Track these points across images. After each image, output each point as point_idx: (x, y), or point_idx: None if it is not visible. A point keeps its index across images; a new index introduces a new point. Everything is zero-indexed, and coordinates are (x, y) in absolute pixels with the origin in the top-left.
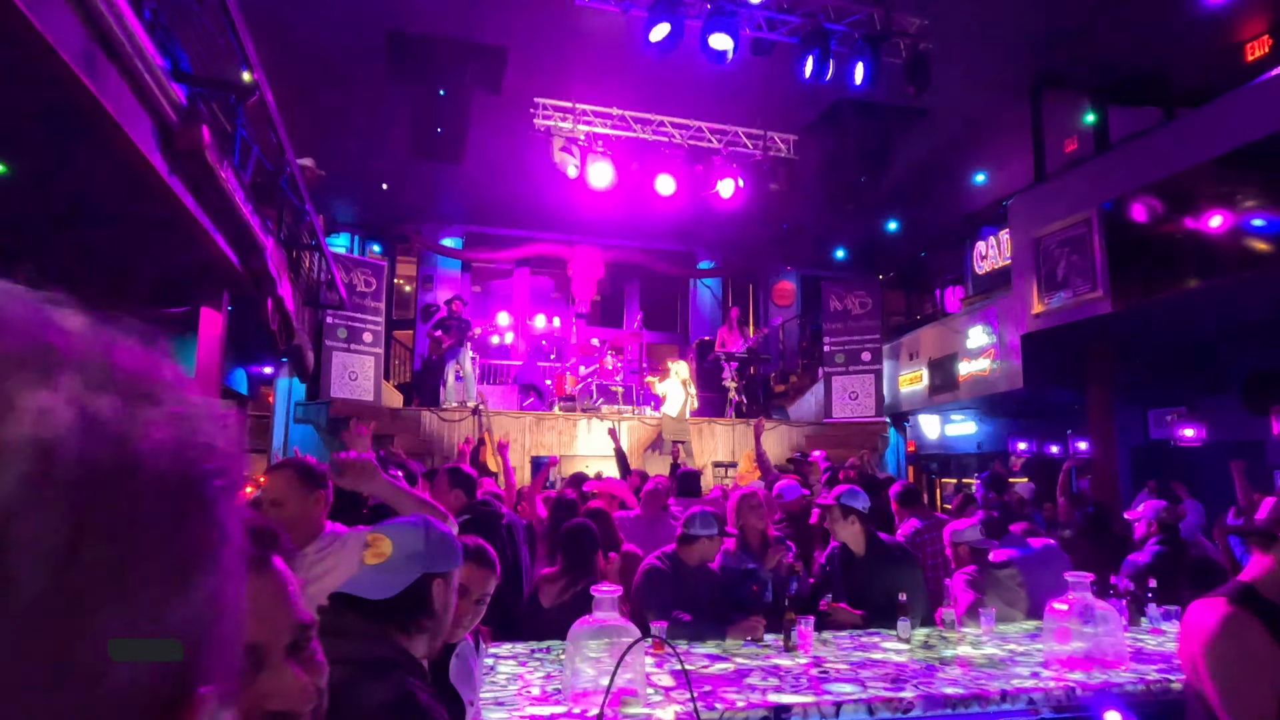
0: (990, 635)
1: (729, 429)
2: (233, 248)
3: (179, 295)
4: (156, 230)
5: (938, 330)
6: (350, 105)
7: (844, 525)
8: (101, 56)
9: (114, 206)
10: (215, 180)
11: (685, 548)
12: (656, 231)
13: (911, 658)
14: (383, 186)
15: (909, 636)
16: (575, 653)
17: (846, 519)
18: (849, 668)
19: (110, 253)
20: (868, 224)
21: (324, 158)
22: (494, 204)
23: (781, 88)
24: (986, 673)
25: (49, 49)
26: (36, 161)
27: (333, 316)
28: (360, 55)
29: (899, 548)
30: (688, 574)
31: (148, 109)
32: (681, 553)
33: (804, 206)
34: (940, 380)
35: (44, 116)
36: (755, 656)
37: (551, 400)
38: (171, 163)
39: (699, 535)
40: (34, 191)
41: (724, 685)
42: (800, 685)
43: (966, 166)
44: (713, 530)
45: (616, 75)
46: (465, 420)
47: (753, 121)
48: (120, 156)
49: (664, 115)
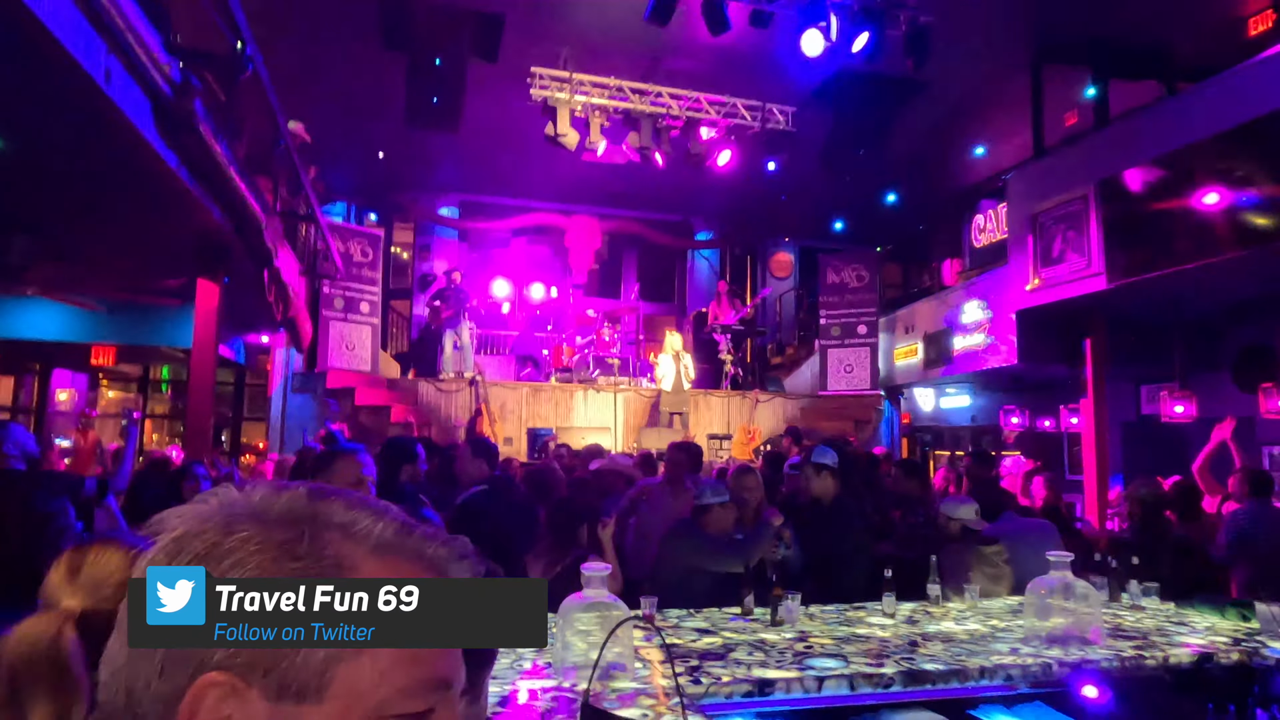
0: (974, 612)
1: (724, 401)
2: (228, 220)
3: (176, 268)
4: (152, 204)
5: (933, 304)
6: (345, 73)
7: (818, 480)
8: (94, 33)
9: (109, 181)
10: (210, 154)
11: (702, 517)
12: (654, 201)
13: (896, 633)
14: (379, 155)
15: (894, 611)
16: (565, 627)
17: (819, 475)
18: (834, 643)
19: (107, 226)
20: (866, 196)
21: (319, 126)
22: (491, 173)
23: (780, 60)
24: (967, 648)
25: (40, 26)
26: (31, 137)
27: (329, 286)
28: (355, 22)
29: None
30: (710, 542)
31: (141, 84)
32: (699, 522)
33: (802, 178)
34: (935, 354)
35: (37, 92)
36: (743, 631)
37: (548, 371)
38: (166, 138)
39: (712, 503)
40: (30, 166)
41: (710, 660)
42: (785, 660)
43: (966, 139)
44: (724, 497)
45: (614, 45)
46: (463, 391)
47: (751, 93)
48: (114, 132)
49: (662, 86)
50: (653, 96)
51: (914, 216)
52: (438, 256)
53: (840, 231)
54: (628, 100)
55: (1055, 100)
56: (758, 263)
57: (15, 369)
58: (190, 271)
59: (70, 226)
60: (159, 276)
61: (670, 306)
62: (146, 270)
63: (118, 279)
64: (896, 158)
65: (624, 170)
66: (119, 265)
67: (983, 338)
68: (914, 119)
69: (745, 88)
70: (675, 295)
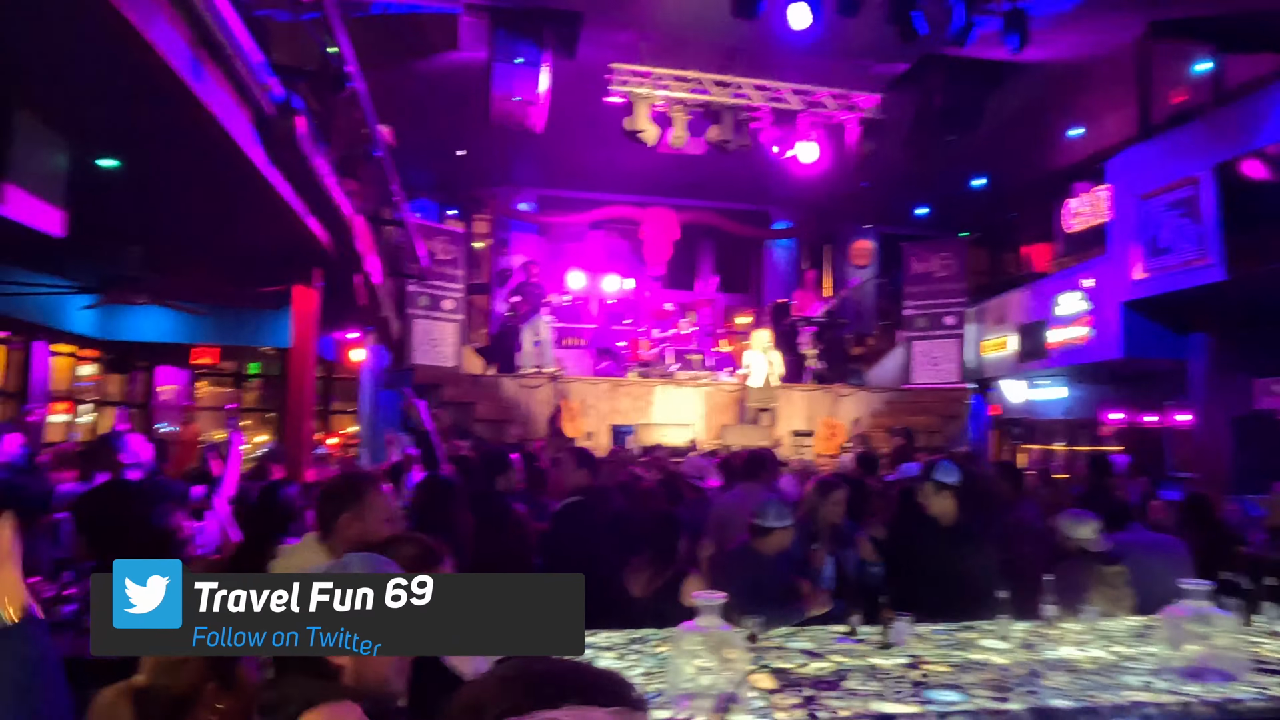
0: (1094, 636)
1: (806, 395)
2: (324, 228)
3: (275, 274)
4: (254, 215)
5: (1026, 294)
6: (428, 74)
7: (937, 500)
8: (205, 58)
9: (215, 195)
10: (308, 167)
11: (761, 539)
12: (731, 192)
13: (1014, 660)
14: (459, 153)
15: (1008, 634)
16: (678, 657)
17: (940, 494)
18: (950, 670)
19: (212, 236)
20: (952, 181)
21: (402, 126)
22: (567, 167)
23: (867, 46)
24: (1095, 680)
25: (156, 56)
26: (144, 156)
27: (414, 284)
28: (438, 24)
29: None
30: (764, 564)
31: (246, 104)
32: (756, 544)
33: (885, 164)
34: (1029, 347)
35: (151, 115)
36: (852, 654)
37: (626, 365)
38: (268, 153)
39: (774, 528)
40: (142, 183)
41: (825, 690)
42: (902, 692)
43: (1061, 119)
44: (787, 522)
45: (694, 37)
46: (544, 387)
47: (835, 81)
48: (221, 150)
49: (743, 78)
50: (733, 88)
51: (1002, 200)
52: (515, 251)
53: (923, 217)
54: (708, 93)
55: (1162, 76)
56: (837, 251)
57: (125, 367)
58: (288, 277)
59: (178, 238)
60: (258, 282)
61: (747, 297)
62: (246, 277)
63: (220, 285)
64: (985, 141)
65: (700, 161)
66: (221, 273)
67: (1082, 330)
68: (1005, 100)
69: (829, 76)
70: (752, 286)
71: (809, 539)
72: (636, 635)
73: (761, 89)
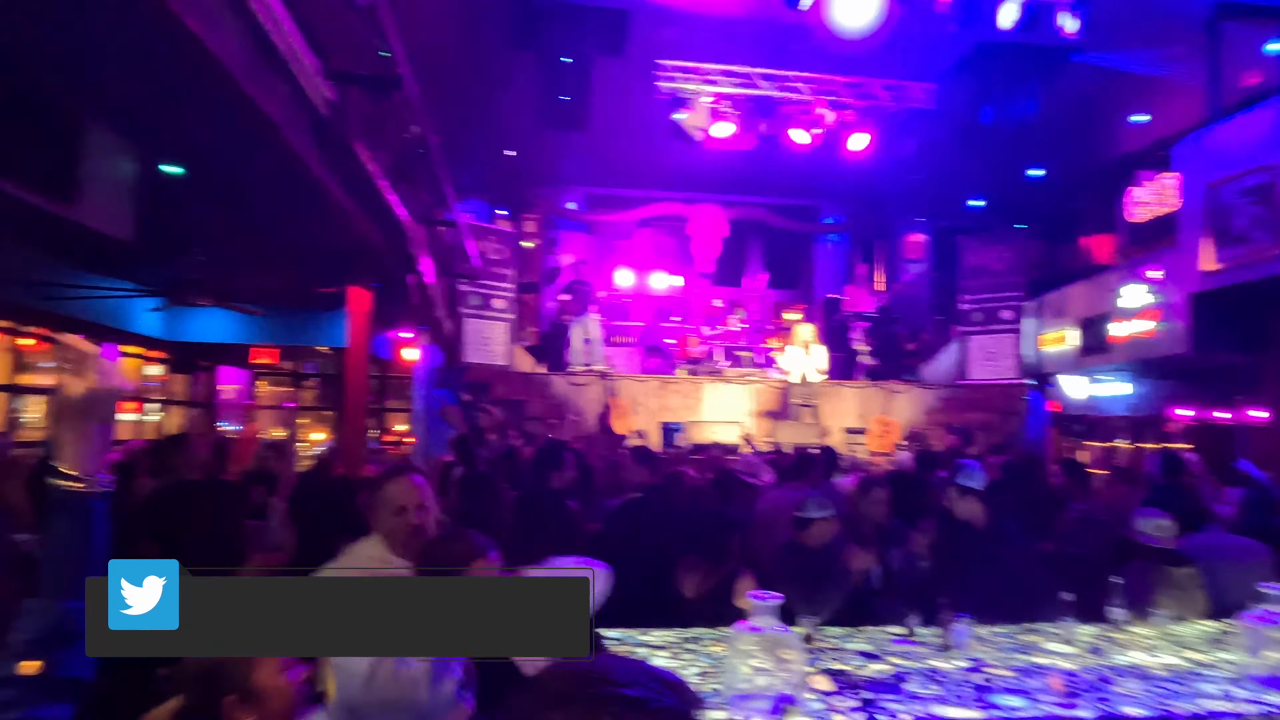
0: (1164, 641)
1: (858, 392)
2: (378, 230)
3: (331, 275)
4: (311, 219)
5: (1088, 287)
6: (476, 75)
7: (962, 504)
8: (263, 65)
9: (274, 199)
10: (363, 169)
11: (803, 531)
12: (780, 187)
13: (1081, 665)
14: (508, 153)
15: (1073, 637)
16: (733, 657)
17: (964, 499)
18: (1013, 675)
19: (270, 240)
20: (1008, 171)
21: (451, 127)
22: (616, 165)
23: (919, 35)
24: (1169, 688)
25: (221, 66)
26: (207, 162)
27: (466, 284)
28: (486, 25)
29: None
30: (810, 557)
31: (303, 108)
32: (800, 537)
33: (939, 156)
34: (1091, 341)
35: (214, 123)
36: (911, 657)
37: (675, 362)
38: (324, 156)
39: (814, 518)
40: (204, 190)
41: (884, 693)
42: (965, 696)
43: (1123, 105)
44: (829, 510)
45: (742, 31)
46: (593, 384)
47: (887, 72)
48: (279, 154)
49: (792, 71)
50: (782, 82)
51: (1061, 190)
52: (564, 250)
53: (978, 210)
54: (757, 87)
55: (1232, 57)
56: (889, 245)
57: (189, 367)
58: (344, 279)
59: (238, 242)
60: (315, 284)
61: (797, 293)
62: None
63: (278, 287)
64: (1043, 129)
65: (748, 156)
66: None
67: (1148, 323)
68: (1065, 87)
69: (881, 67)
70: (802, 282)
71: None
72: (690, 634)
73: (810, 81)
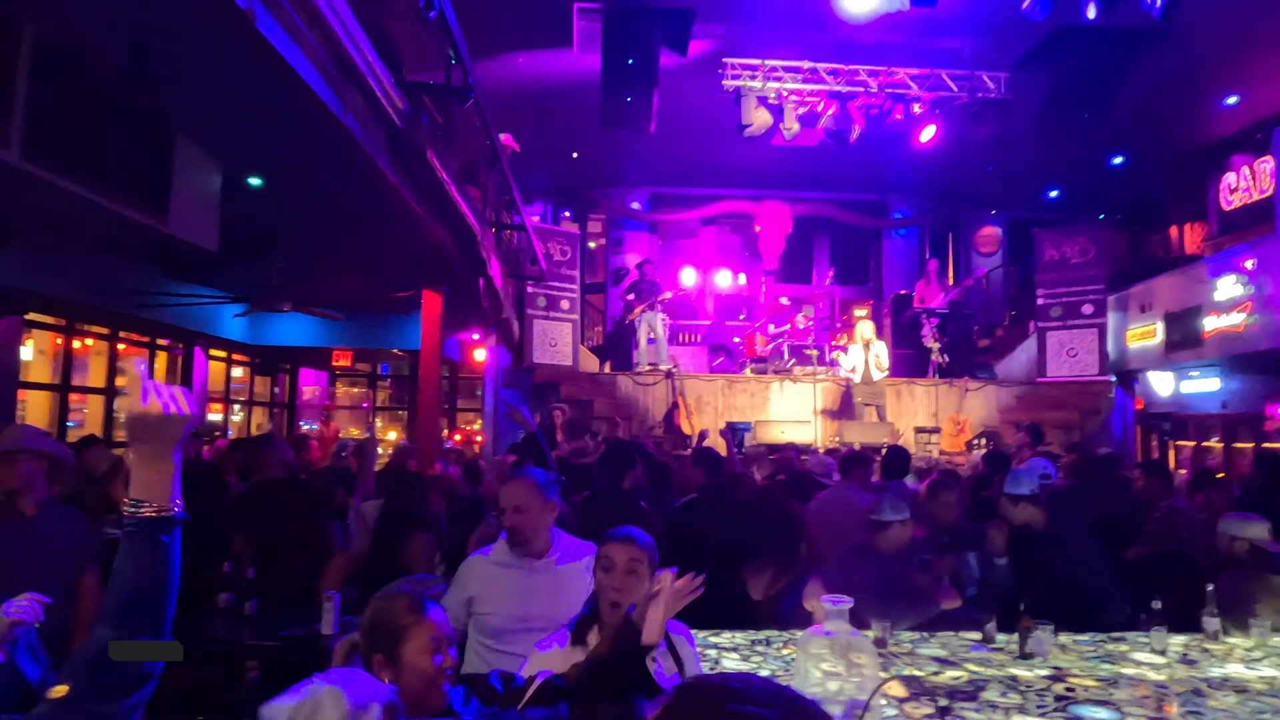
0: (1264, 652)
1: (930, 390)
2: (450, 236)
3: (405, 280)
4: (386, 226)
5: (1176, 279)
6: (540, 79)
7: (1016, 511)
8: (340, 79)
9: (350, 208)
10: (434, 177)
11: (878, 533)
12: (847, 181)
13: (1171, 676)
14: (573, 155)
15: (1164, 647)
16: (804, 661)
17: (1017, 507)
18: (1098, 685)
19: (347, 247)
20: (1087, 160)
21: (516, 131)
22: (680, 164)
23: (991, 22)
24: (1269, 703)
25: (300, 81)
26: (285, 174)
27: (533, 285)
28: (549, 30)
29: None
30: (884, 562)
31: (377, 119)
32: (875, 540)
33: (1013, 146)
34: (1179, 336)
35: (294, 135)
36: (988, 664)
37: (741, 361)
38: (397, 166)
39: (891, 521)
40: (283, 200)
41: (961, 701)
42: (1046, 706)
43: (1214, 87)
44: (904, 515)
45: (807, 25)
46: (659, 384)
47: (958, 62)
48: (355, 164)
49: (859, 64)
50: (848, 76)
51: (1145, 178)
52: (629, 250)
53: (1056, 200)
54: (823, 82)
55: None
56: (961, 239)
57: (271, 370)
58: (417, 283)
59: (317, 250)
60: (390, 288)
61: (866, 290)
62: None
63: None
64: (1126, 115)
65: (815, 152)
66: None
67: (1244, 317)
68: (1148, 70)
69: (950, 57)
70: (871, 278)
71: (934, 539)
72: (760, 636)
73: (877, 74)
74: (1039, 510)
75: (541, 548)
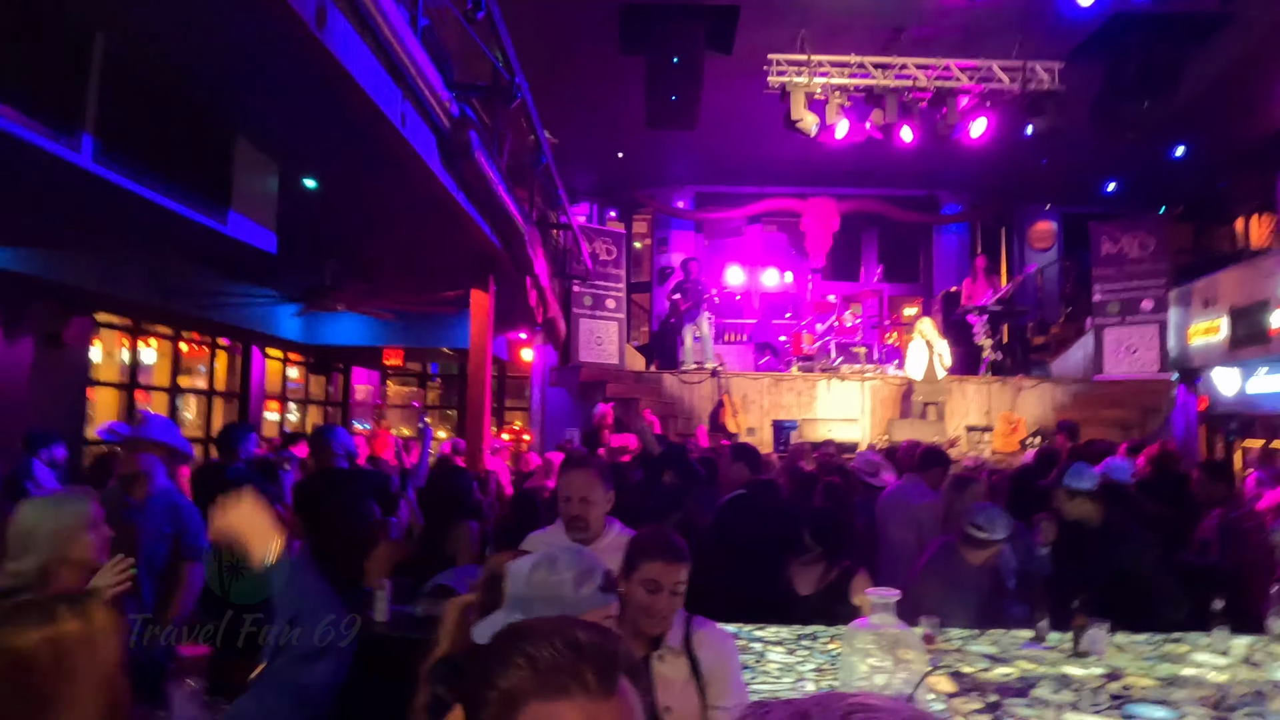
0: None
1: (982, 388)
2: (497, 236)
3: (454, 280)
4: (435, 226)
5: (1242, 272)
6: (585, 79)
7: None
8: (391, 81)
9: (400, 209)
10: (482, 177)
11: (970, 550)
12: (896, 177)
13: (1234, 677)
14: (618, 155)
15: (1227, 648)
16: (850, 655)
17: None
18: (1156, 685)
19: (399, 248)
20: (1147, 151)
21: (561, 131)
22: (725, 162)
23: (1044, 11)
24: None
25: (355, 86)
26: (338, 176)
27: (578, 285)
28: (593, 30)
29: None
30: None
31: (427, 121)
32: (964, 551)
33: (1068, 138)
34: (1245, 331)
35: (344, 137)
36: (1040, 661)
37: (788, 359)
38: (446, 167)
39: (991, 541)
40: (336, 202)
41: (1011, 698)
42: (1100, 704)
43: None
44: (1000, 535)
45: (854, 20)
46: (705, 382)
47: (1009, 53)
48: (406, 166)
49: (907, 58)
50: (896, 70)
51: (1208, 169)
52: (675, 249)
53: (1113, 193)
54: (870, 76)
55: None
56: (1013, 234)
57: (325, 369)
58: (465, 283)
59: (368, 250)
60: (439, 288)
61: (915, 287)
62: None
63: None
64: (1187, 104)
65: (862, 148)
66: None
67: None
68: (1211, 57)
69: (1002, 48)
70: (920, 275)
71: None
72: (805, 631)
73: (926, 68)
74: (1096, 506)
75: (596, 533)
